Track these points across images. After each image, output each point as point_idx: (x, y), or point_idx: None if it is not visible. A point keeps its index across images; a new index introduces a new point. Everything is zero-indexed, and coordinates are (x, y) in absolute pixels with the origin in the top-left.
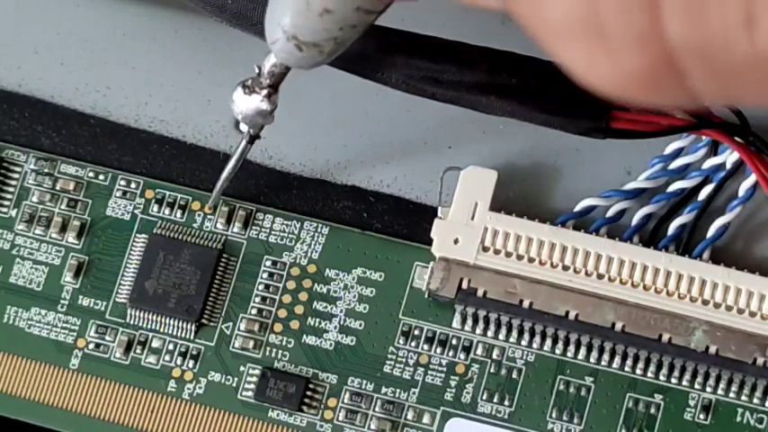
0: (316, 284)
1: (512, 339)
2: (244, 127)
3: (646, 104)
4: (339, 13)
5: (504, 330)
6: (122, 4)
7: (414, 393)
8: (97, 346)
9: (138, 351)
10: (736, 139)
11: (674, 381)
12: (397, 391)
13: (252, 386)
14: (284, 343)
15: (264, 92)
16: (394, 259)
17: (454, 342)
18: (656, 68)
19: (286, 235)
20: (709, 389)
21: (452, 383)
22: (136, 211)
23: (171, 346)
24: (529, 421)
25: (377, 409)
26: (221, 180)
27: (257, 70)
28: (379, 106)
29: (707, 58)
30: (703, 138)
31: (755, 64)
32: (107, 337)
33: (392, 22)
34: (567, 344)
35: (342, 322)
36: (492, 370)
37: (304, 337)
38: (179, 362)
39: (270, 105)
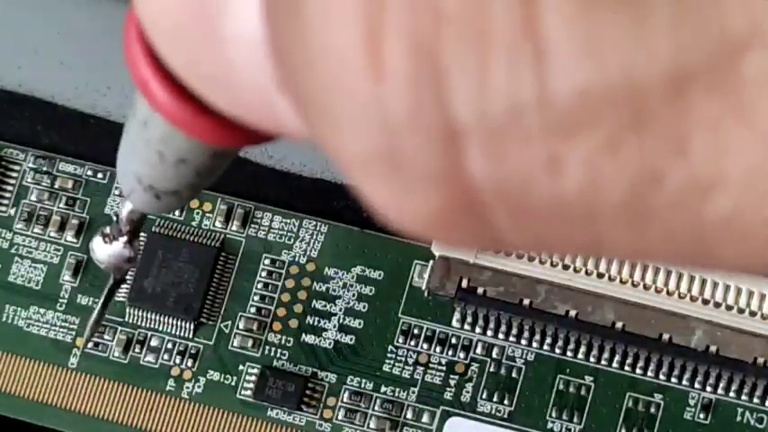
0: (315, 283)
1: (511, 338)
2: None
3: (453, 246)
4: (194, 160)
5: (503, 329)
6: (122, 5)
7: (413, 392)
8: (96, 344)
9: (136, 350)
10: None
11: (674, 380)
12: (397, 390)
13: (251, 385)
14: (283, 342)
15: (125, 238)
16: (393, 258)
17: (454, 341)
18: (457, 208)
19: (285, 233)
20: (709, 389)
21: (452, 382)
22: None
23: (170, 345)
24: (529, 420)
25: (376, 408)
26: (91, 324)
27: (114, 218)
28: None
29: (508, 200)
30: None
31: (558, 209)
32: (106, 336)
33: None
34: (566, 343)
35: (341, 321)
36: (492, 369)
37: (303, 335)
38: (178, 361)
39: (131, 252)
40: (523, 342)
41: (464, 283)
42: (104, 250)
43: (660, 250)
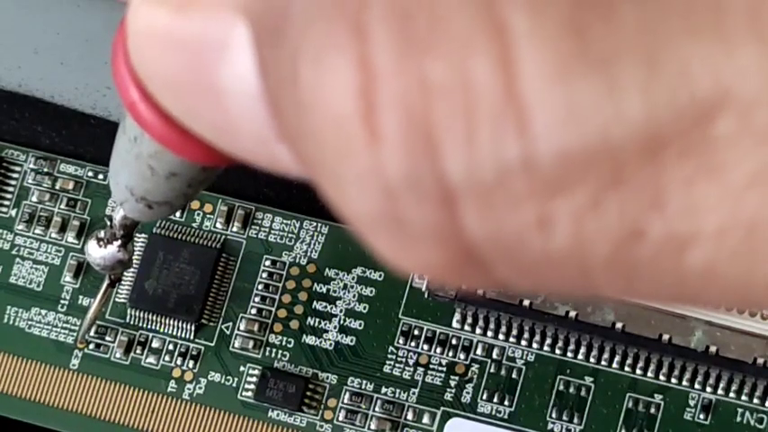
0: (315, 284)
1: (511, 339)
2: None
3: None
4: (185, 174)
5: (503, 330)
6: (123, 5)
7: (413, 393)
8: (97, 346)
9: (138, 351)
10: None
11: (674, 381)
12: (397, 391)
13: (252, 386)
14: (284, 343)
15: (119, 242)
16: None
17: (454, 342)
18: (458, 261)
19: (286, 234)
20: (709, 389)
21: (452, 383)
22: None
23: (171, 347)
24: (529, 421)
25: (377, 409)
26: (86, 322)
27: (108, 222)
28: None
29: (505, 255)
30: None
31: (552, 262)
32: (107, 338)
33: None
34: (567, 344)
35: (341, 322)
36: (492, 370)
37: (304, 336)
38: (179, 362)
39: (126, 254)
40: (523, 343)
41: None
42: (99, 253)
43: (648, 294)
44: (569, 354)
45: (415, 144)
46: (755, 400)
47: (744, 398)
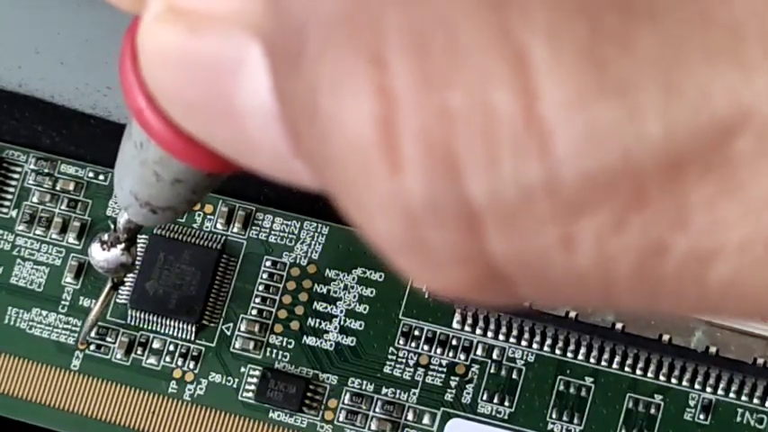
0: (316, 285)
1: (512, 340)
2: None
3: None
4: (190, 180)
5: (504, 331)
6: None
7: (414, 394)
8: (98, 347)
9: (138, 352)
10: None
11: (674, 381)
12: (398, 391)
13: (252, 387)
14: (284, 344)
15: (122, 245)
16: None
17: (454, 342)
18: (483, 281)
19: (286, 235)
20: (709, 389)
21: (452, 384)
22: None
23: (171, 347)
24: (529, 422)
25: (377, 409)
26: (88, 324)
27: (111, 225)
28: None
29: (529, 275)
30: None
31: (575, 279)
32: (108, 339)
33: None
34: (567, 344)
35: (342, 323)
36: (492, 370)
37: (304, 337)
38: (180, 363)
39: (130, 258)
40: (524, 343)
41: None
42: (102, 256)
43: (670, 307)
44: (569, 354)
45: (438, 170)
46: (755, 401)
47: (744, 398)
